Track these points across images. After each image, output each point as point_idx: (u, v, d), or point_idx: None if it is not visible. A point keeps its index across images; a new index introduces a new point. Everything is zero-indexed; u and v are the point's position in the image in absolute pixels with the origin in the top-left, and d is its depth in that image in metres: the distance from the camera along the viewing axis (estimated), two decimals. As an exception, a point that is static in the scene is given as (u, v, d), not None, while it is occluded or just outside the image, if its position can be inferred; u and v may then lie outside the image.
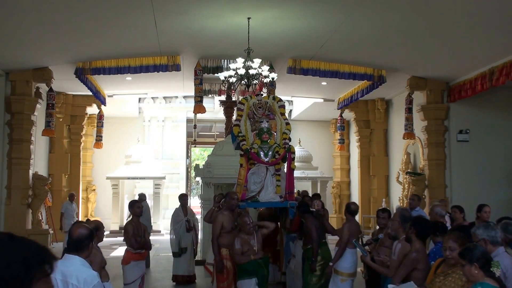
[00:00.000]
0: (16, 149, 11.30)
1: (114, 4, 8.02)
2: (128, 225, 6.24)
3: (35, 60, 11.02)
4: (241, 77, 9.51)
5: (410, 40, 9.70)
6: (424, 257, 4.17)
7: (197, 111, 11.98)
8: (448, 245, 3.70)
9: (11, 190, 11.25)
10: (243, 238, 5.66)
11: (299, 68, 11.33)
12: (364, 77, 11.97)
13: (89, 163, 17.45)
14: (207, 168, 9.87)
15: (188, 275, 8.90)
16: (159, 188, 17.03)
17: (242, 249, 5.59)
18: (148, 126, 18.77)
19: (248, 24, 8.82)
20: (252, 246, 5.63)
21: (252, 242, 5.66)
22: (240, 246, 5.60)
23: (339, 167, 18.34)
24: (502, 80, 9.80)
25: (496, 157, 12.18)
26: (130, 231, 6.15)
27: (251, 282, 5.59)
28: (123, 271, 6.33)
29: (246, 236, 5.67)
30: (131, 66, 11.14)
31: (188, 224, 8.79)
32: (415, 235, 4.23)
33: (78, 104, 15.38)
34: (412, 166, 13.79)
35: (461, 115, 12.32)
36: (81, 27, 8.98)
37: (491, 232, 4.01)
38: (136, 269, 6.25)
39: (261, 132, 6.74)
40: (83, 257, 3.48)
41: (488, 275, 3.12)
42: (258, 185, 6.55)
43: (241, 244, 5.61)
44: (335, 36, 9.54)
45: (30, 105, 11.48)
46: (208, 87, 13.58)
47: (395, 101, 15.24)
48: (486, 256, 3.20)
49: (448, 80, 12.26)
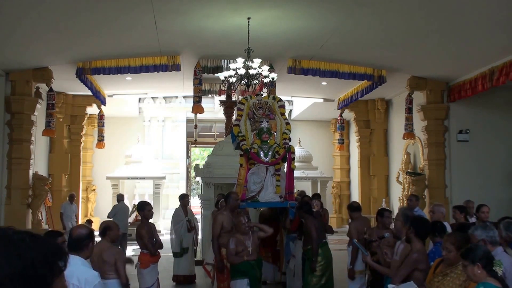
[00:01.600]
0: (16, 149, 11.30)
1: (114, 4, 8.02)
2: (141, 230, 6.09)
3: (35, 60, 11.02)
4: (241, 77, 9.51)
5: (410, 40, 9.70)
6: (425, 257, 4.17)
7: (195, 111, 11.99)
8: (445, 245, 3.72)
9: (11, 190, 11.24)
10: (238, 238, 5.63)
11: (299, 68, 11.33)
12: (364, 77, 11.97)
13: (89, 163, 17.45)
14: (207, 168, 9.87)
15: (189, 275, 8.90)
16: (159, 188, 17.03)
17: (237, 249, 5.56)
18: (148, 126, 18.77)
19: (248, 24, 8.82)
20: (246, 246, 5.58)
21: (247, 242, 5.60)
22: (235, 246, 5.56)
23: (339, 167, 18.35)
24: (502, 80, 9.80)
25: (496, 157, 12.17)
26: (145, 236, 6.07)
27: (243, 283, 5.57)
28: (141, 275, 6.20)
29: (242, 236, 5.64)
30: (131, 66, 11.14)
31: (189, 224, 8.78)
32: (414, 235, 4.23)
33: (78, 104, 15.38)
34: (412, 166, 13.78)
35: (461, 115, 12.32)
36: (81, 27, 8.98)
37: (489, 233, 4.01)
38: (153, 272, 6.21)
39: (261, 132, 6.74)
40: (83, 257, 3.49)
41: (491, 275, 3.13)
42: (258, 185, 6.55)
43: (236, 244, 5.57)
44: (335, 36, 9.54)
45: (30, 105, 11.47)
46: (208, 87, 13.58)
47: (395, 101, 15.24)
48: (489, 256, 3.20)
49: (448, 80, 12.25)
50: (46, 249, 1.44)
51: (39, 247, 1.42)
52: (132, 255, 12.65)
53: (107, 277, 4.44)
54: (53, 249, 1.47)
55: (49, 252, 1.44)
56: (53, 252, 1.46)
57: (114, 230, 4.69)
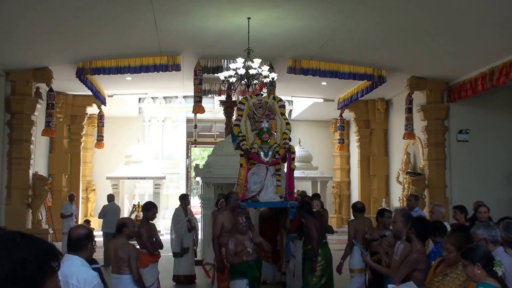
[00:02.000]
0: (16, 149, 11.30)
1: (114, 4, 8.02)
2: (141, 228, 6.13)
3: (35, 60, 11.02)
4: (241, 77, 9.51)
5: (410, 40, 9.70)
6: (425, 257, 4.17)
7: (196, 111, 11.99)
8: (445, 246, 3.72)
9: (11, 190, 11.25)
10: (237, 239, 5.60)
11: (299, 68, 11.33)
12: (364, 77, 11.98)
13: (89, 163, 17.45)
14: (207, 168, 9.86)
15: (189, 275, 8.89)
16: (159, 188, 17.03)
17: (236, 249, 5.54)
18: (148, 126, 18.78)
19: (248, 24, 8.82)
20: (246, 247, 5.56)
21: (247, 243, 5.58)
22: (234, 247, 5.54)
23: (339, 167, 18.35)
24: (502, 80, 9.80)
25: (496, 157, 12.17)
26: (144, 235, 6.07)
27: (242, 283, 5.56)
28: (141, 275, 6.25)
29: (241, 236, 5.63)
30: (131, 66, 11.15)
31: (189, 224, 8.77)
32: (415, 236, 4.23)
33: (78, 104, 15.38)
34: (412, 166, 13.79)
35: (461, 115, 12.32)
36: (81, 27, 8.98)
37: (491, 232, 4.01)
38: (153, 271, 6.20)
39: (261, 132, 6.74)
40: (83, 257, 3.49)
41: (490, 275, 3.13)
42: (258, 185, 6.55)
43: (235, 245, 5.56)
44: (335, 36, 9.54)
45: (30, 105, 11.48)
46: (208, 87, 13.58)
47: (395, 101, 15.24)
48: (489, 256, 3.20)
49: (448, 80, 12.25)
50: (37, 249, 1.43)
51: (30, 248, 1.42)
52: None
53: (122, 273, 4.71)
54: (46, 249, 1.46)
55: (41, 252, 1.44)
56: (46, 252, 1.45)
57: (130, 227, 4.84)
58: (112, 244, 4.93)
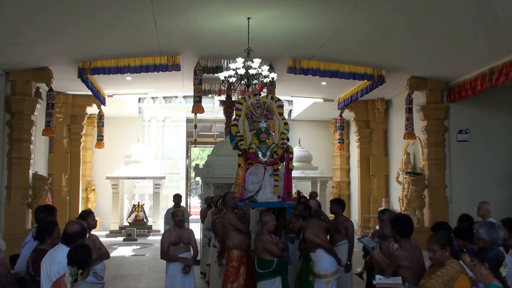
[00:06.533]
0: (16, 149, 11.30)
1: (114, 5, 8.03)
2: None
3: (35, 60, 11.03)
4: (241, 77, 9.52)
5: (410, 40, 9.70)
6: (411, 255, 4.11)
7: (195, 111, 12.00)
8: (430, 247, 3.72)
9: (11, 190, 11.25)
10: (270, 238, 5.86)
11: (299, 68, 11.33)
12: (364, 77, 11.98)
13: (89, 163, 17.47)
14: (207, 168, 9.87)
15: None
16: (159, 188, 17.04)
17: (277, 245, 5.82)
18: (148, 126, 18.80)
19: (248, 24, 8.83)
20: (277, 243, 5.87)
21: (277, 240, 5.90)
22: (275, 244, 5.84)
23: (339, 167, 18.36)
24: (502, 80, 9.79)
25: (496, 157, 12.17)
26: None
27: (275, 281, 5.73)
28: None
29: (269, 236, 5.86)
30: (131, 66, 11.16)
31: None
32: (398, 235, 4.24)
33: (78, 104, 15.38)
34: (412, 166, 13.79)
35: (461, 115, 12.31)
36: (81, 27, 8.99)
37: (493, 235, 4.02)
38: None
39: (259, 132, 6.73)
40: None
41: (496, 276, 3.13)
42: (256, 185, 6.54)
43: (276, 243, 5.85)
44: (335, 36, 9.54)
45: (30, 105, 11.48)
46: (208, 87, 13.59)
47: (395, 101, 15.24)
48: (500, 259, 3.20)
49: (448, 80, 12.25)
50: None
51: None
52: (132, 255, 12.68)
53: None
54: None
55: None
56: None
57: (177, 216, 6.09)
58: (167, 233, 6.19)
